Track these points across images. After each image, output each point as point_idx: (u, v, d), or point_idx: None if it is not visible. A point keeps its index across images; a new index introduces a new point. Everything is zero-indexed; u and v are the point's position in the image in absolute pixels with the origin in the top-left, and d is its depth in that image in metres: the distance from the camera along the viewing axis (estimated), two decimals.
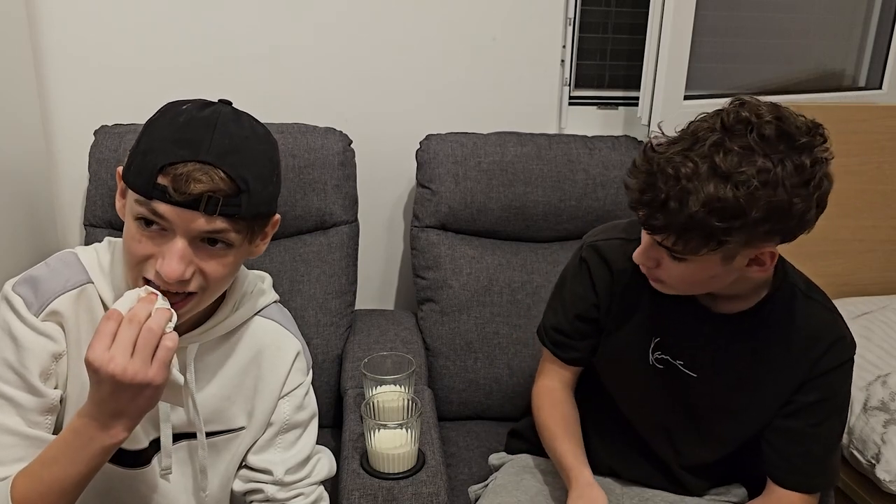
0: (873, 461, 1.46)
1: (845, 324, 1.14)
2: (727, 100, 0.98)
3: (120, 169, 0.91)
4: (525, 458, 1.34)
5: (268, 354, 1.06)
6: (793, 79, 1.99)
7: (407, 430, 1.22)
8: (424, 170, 1.69)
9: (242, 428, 1.05)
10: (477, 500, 1.34)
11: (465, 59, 1.81)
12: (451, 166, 1.67)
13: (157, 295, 0.86)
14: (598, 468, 1.23)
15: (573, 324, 1.23)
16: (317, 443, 1.12)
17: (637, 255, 1.06)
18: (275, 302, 1.10)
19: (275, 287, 1.12)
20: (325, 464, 1.13)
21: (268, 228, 0.97)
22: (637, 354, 1.18)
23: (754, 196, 0.89)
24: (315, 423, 1.12)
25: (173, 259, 0.85)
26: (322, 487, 1.12)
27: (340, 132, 1.66)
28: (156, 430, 1.00)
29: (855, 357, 1.13)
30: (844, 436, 1.53)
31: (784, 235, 0.97)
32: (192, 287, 0.89)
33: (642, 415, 1.23)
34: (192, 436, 1.03)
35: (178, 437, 1.02)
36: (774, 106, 0.95)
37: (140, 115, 1.59)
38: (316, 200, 1.63)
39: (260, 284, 1.08)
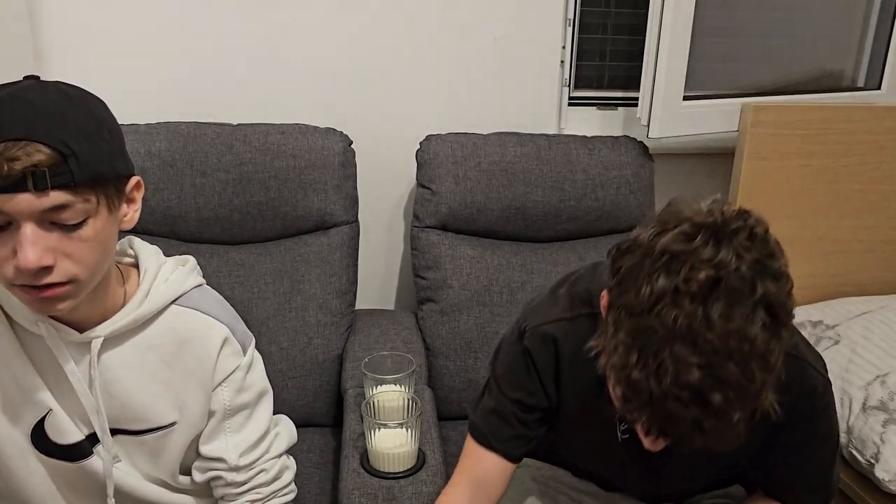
0: (872, 461, 1.46)
1: (816, 367, 1.02)
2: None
3: None
4: (523, 460, 1.34)
5: (192, 346, 1.00)
6: (792, 79, 1.99)
7: (407, 430, 1.23)
8: (424, 170, 1.69)
9: (174, 423, 1.02)
10: None
11: (465, 60, 1.81)
12: (451, 167, 1.67)
13: None
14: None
15: (513, 409, 1.08)
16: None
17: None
18: (196, 287, 1.04)
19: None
20: (283, 437, 1.11)
21: (130, 192, 0.91)
22: (603, 432, 1.08)
23: (776, 352, 0.79)
24: (267, 401, 1.08)
25: (26, 248, 0.80)
26: (284, 457, 1.11)
27: (340, 132, 1.67)
28: (87, 425, 0.99)
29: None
30: (843, 435, 1.53)
31: None
32: (60, 275, 0.84)
33: (613, 480, 1.19)
34: (124, 432, 1.01)
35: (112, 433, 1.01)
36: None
37: (140, 115, 1.62)
38: (316, 200, 1.63)
39: (178, 270, 1.02)
